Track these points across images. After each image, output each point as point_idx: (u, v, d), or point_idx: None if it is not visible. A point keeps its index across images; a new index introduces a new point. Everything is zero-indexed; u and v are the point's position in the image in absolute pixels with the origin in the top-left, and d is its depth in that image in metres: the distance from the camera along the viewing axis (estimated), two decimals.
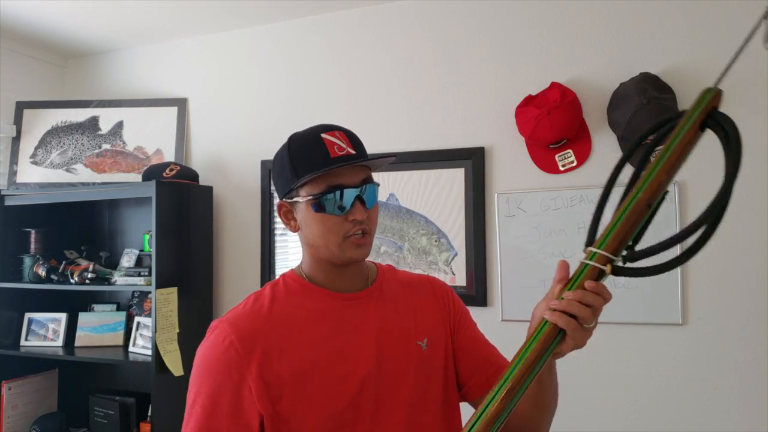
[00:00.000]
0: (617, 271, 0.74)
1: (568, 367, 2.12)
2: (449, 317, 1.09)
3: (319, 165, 0.92)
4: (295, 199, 0.97)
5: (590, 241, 0.78)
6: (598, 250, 0.74)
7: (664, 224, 1.96)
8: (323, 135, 0.94)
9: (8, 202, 2.57)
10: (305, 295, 1.00)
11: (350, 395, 0.93)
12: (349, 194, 0.93)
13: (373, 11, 2.43)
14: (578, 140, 2.09)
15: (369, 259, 1.06)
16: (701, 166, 1.94)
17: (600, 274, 0.75)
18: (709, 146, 2.18)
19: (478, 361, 1.06)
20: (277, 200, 1.36)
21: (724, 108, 0.72)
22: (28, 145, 2.77)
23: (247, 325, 0.94)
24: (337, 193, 0.92)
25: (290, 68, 2.57)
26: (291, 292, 1.01)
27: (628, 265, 0.74)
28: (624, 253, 0.74)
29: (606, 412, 2.03)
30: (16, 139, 2.77)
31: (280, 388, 0.91)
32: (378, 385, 0.95)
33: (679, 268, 1.94)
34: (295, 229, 1.00)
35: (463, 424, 0.86)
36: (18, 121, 2.78)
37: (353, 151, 0.94)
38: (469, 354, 1.07)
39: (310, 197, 0.94)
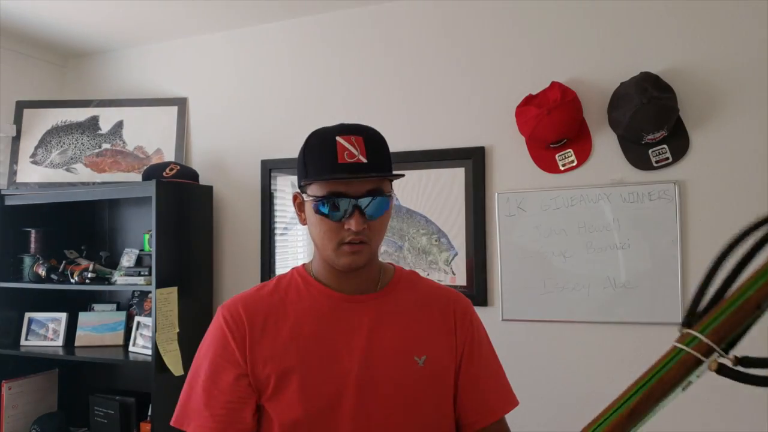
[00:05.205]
0: (722, 370, 0.60)
1: (568, 367, 2.13)
2: (457, 341, 1.03)
3: (325, 169, 0.91)
4: (303, 196, 0.99)
5: (688, 321, 0.64)
6: (701, 336, 0.61)
7: (663, 225, 1.96)
8: (338, 138, 0.92)
9: (8, 202, 2.56)
10: (307, 290, 1.02)
11: (331, 397, 0.94)
12: (347, 204, 0.91)
13: (374, 11, 2.43)
14: (578, 140, 2.09)
15: (389, 261, 1.07)
16: (702, 166, 1.95)
17: (695, 364, 0.61)
18: (709, 146, 2.16)
19: (471, 403, 1.03)
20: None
21: (724, 108, 0.70)
22: (28, 145, 2.77)
23: (245, 307, 1.00)
24: (336, 201, 0.91)
25: (290, 68, 2.57)
26: (295, 286, 1.03)
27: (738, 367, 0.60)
28: (723, 347, 0.61)
29: None
30: (16, 139, 2.77)
31: (265, 381, 0.94)
32: (361, 391, 0.94)
33: (678, 268, 1.94)
34: (303, 222, 1.02)
35: None
36: (18, 120, 2.78)
37: (364, 160, 0.91)
38: (465, 393, 1.03)
39: (312, 199, 0.94)
